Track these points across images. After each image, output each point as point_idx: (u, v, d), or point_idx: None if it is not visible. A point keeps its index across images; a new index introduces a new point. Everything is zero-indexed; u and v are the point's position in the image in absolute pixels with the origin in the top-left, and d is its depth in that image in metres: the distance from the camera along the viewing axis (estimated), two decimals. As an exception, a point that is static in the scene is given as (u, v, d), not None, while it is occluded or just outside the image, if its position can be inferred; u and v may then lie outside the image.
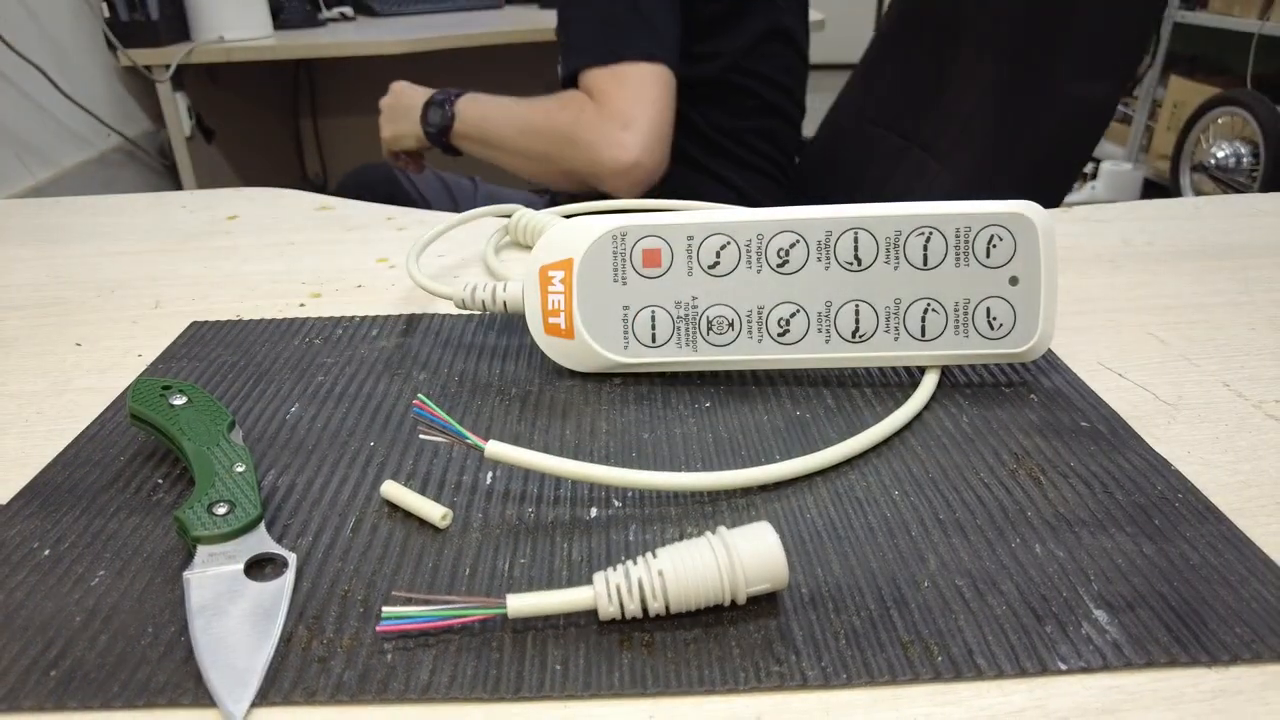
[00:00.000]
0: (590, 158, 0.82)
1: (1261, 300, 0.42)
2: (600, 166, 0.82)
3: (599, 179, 0.83)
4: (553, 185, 0.95)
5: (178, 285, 0.47)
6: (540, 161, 0.88)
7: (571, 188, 0.90)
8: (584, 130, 0.83)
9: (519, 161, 0.90)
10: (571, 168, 0.85)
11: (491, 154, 0.92)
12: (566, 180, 0.88)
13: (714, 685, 0.22)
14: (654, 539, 0.27)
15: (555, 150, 0.86)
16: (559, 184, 0.92)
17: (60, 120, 1.49)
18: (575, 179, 0.86)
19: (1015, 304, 0.33)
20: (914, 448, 0.31)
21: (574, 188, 0.89)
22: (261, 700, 0.22)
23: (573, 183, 0.88)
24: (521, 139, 0.88)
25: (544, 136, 0.87)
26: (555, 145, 0.86)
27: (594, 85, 0.83)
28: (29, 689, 0.22)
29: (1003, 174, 0.83)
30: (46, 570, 0.26)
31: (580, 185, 0.87)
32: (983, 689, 0.22)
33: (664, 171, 0.85)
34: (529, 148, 0.88)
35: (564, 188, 0.92)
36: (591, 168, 0.83)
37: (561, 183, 0.91)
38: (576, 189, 0.89)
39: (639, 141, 0.81)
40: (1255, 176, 2.13)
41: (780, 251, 0.33)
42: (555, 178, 0.90)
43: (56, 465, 0.31)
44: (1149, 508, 0.27)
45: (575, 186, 0.88)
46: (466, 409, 0.34)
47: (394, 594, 0.25)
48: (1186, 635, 0.23)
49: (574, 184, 0.88)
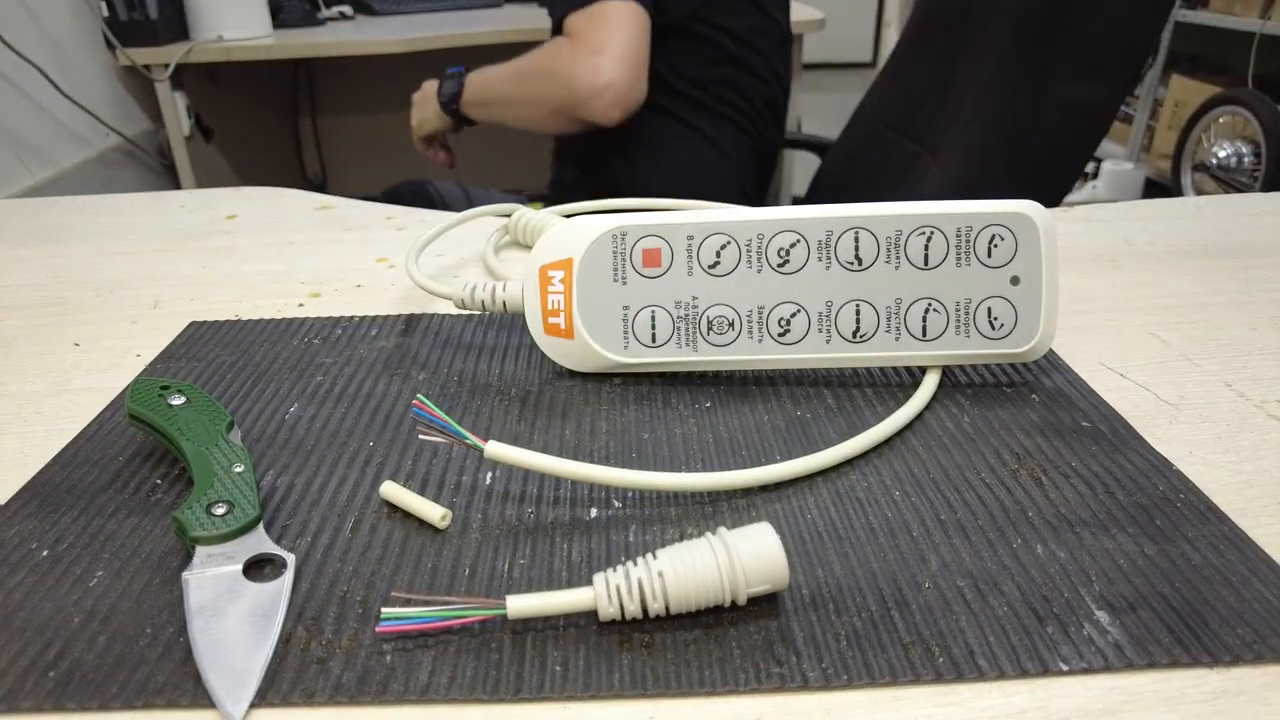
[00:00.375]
0: (567, 86, 0.90)
1: (1263, 300, 0.42)
2: (576, 93, 0.90)
3: (577, 105, 0.91)
4: (548, 129, 1.03)
5: (177, 285, 0.46)
6: (531, 105, 0.97)
7: (565, 127, 0.97)
8: (561, 63, 0.91)
9: (515, 110, 0.99)
10: (556, 103, 0.93)
11: (496, 111, 1.01)
12: (556, 119, 0.96)
13: (714, 686, 0.22)
14: (654, 539, 0.27)
15: (540, 89, 0.94)
16: (553, 126, 1.00)
17: (59, 120, 1.48)
18: (562, 115, 0.94)
19: (1016, 304, 0.33)
20: (915, 448, 0.31)
21: (568, 127, 0.97)
22: (260, 701, 0.21)
23: (562, 120, 0.95)
24: (514, 88, 0.98)
25: (530, 79, 0.95)
26: (540, 84, 0.94)
27: (572, 27, 0.91)
28: (27, 690, 0.22)
29: (1002, 175, 0.83)
30: (45, 571, 0.26)
31: (572, 123, 0.95)
32: (984, 690, 0.22)
33: (640, 97, 0.93)
34: (520, 94, 0.97)
35: (558, 128, 1.00)
36: (570, 96, 0.91)
37: (554, 123, 0.98)
38: (571, 128, 0.96)
39: (611, 64, 0.89)
40: (1256, 176, 2.13)
41: (781, 251, 0.33)
42: (547, 119, 0.98)
43: (55, 465, 0.31)
44: (1150, 508, 0.27)
45: (568, 125, 0.96)
46: (466, 409, 0.34)
47: (393, 595, 0.25)
48: (1188, 636, 0.23)
49: (564, 122, 0.96)
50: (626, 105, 0.92)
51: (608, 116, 0.92)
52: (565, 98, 0.91)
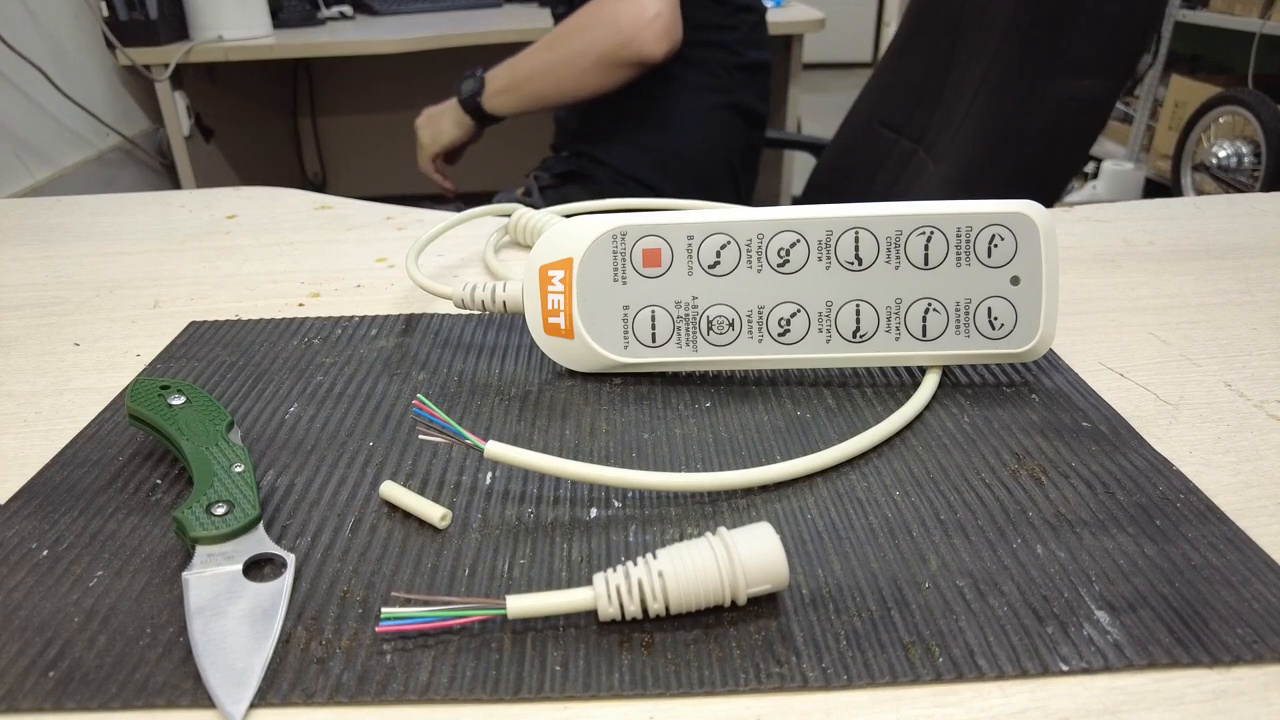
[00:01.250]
0: (614, 26, 0.93)
1: (1263, 300, 0.42)
2: (623, 30, 0.93)
3: (626, 43, 0.94)
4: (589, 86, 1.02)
5: (176, 285, 0.46)
6: (571, 62, 0.98)
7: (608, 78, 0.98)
8: (603, 9, 0.94)
9: (553, 77, 1.00)
10: (601, 49, 0.95)
11: (530, 88, 1.02)
12: (599, 70, 0.97)
13: (714, 686, 0.22)
14: (654, 539, 0.27)
15: (583, 42, 0.96)
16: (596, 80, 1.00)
17: (59, 119, 1.49)
18: (607, 61, 0.96)
19: (1016, 304, 0.33)
20: (915, 448, 0.31)
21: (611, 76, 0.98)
22: (260, 701, 0.21)
23: (606, 69, 0.97)
24: (549, 54, 0.99)
25: (568, 39, 0.97)
26: (580, 38, 0.96)
27: None
28: (27, 690, 0.22)
29: (998, 172, 0.83)
30: (45, 571, 0.26)
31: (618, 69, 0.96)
32: (984, 690, 0.22)
33: (680, 33, 0.96)
34: (557, 57, 0.98)
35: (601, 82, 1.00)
36: (618, 35, 0.93)
37: (597, 76, 0.99)
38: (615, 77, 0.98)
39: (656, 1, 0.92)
40: (1257, 176, 2.13)
41: (781, 251, 0.33)
42: (590, 73, 0.98)
43: (55, 465, 0.31)
44: (1150, 508, 0.27)
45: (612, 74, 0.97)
46: (466, 409, 0.34)
47: (393, 594, 0.25)
48: (1188, 636, 0.23)
49: (609, 70, 0.97)
50: (673, 37, 0.95)
51: (656, 48, 0.94)
52: (613, 38, 0.94)
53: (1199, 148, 2.29)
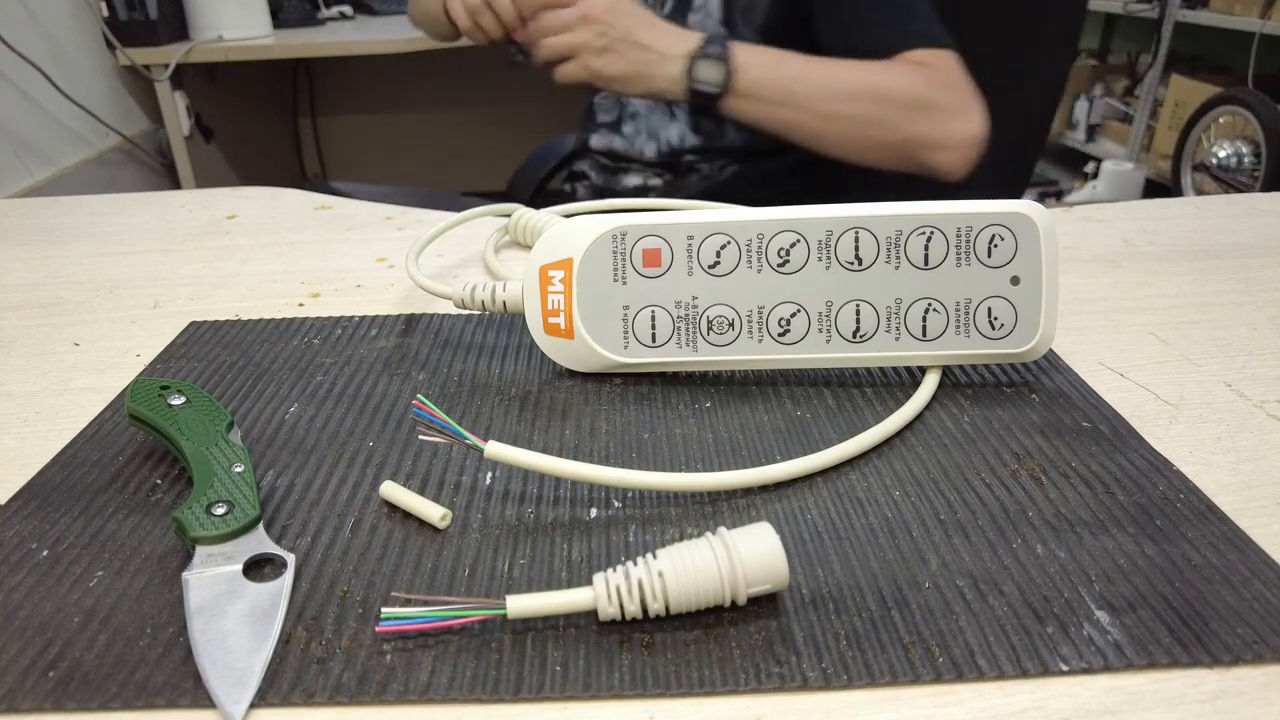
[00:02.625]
0: (942, 131, 0.79)
1: (1263, 300, 0.42)
2: (947, 136, 0.79)
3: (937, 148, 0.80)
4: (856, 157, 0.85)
5: (176, 285, 0.46)
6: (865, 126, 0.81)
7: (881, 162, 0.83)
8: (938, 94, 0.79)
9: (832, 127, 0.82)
10: (913, 133, 0.80)
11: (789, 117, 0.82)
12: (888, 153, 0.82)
13: (714, 686, 0.22)
14: (654, 539, 0.27)
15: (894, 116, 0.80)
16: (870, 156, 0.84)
17: (59, 119, 1.49)
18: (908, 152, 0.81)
19: (1016, 304, 0.33)
20: (915, 448, 0.31)
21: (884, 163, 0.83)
22: (260, 701, 0.21)
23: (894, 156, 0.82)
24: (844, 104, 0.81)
25: (881, 101, 0.80)
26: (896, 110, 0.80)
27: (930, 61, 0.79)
28: (27, 690, 0.22)
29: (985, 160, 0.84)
30: (45, 571, 0.26)
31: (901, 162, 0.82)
32: (984, 690, 0.22)
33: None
34: (854, 112, 0.80)
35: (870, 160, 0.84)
36: (942, 136, 0.79)
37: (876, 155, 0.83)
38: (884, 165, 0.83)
39: (982, 120, 0.79)
40: (1257, 176, 2.13)
41: (781, 251, 0.33)
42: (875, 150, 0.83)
43: (55, 465, 0.31)
44: (1150, 508, 0.27)
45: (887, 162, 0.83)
46: (466, 409, 0.34)
47: (393, 595, 0.25)
48: (1188, 636, 0.23)
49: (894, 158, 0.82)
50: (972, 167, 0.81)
51: (957, 172, 0.80)
52: (929, 136, 0.79)
53: (1199, 148, 2.29)
